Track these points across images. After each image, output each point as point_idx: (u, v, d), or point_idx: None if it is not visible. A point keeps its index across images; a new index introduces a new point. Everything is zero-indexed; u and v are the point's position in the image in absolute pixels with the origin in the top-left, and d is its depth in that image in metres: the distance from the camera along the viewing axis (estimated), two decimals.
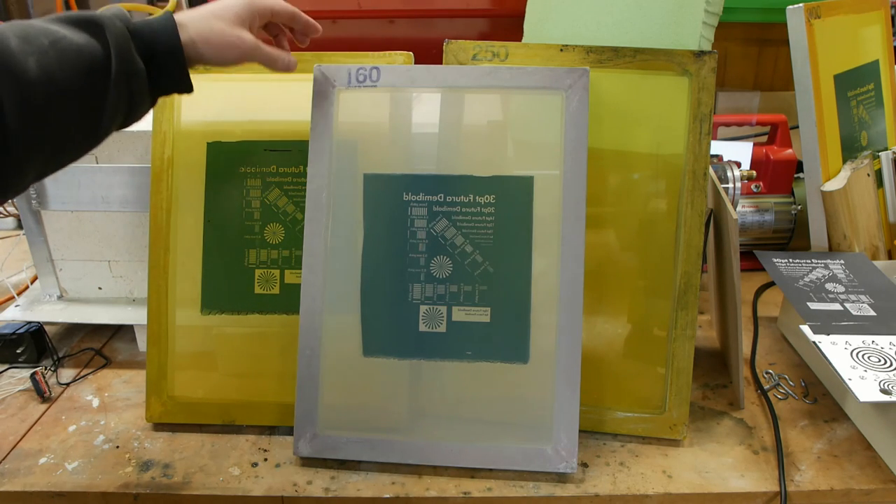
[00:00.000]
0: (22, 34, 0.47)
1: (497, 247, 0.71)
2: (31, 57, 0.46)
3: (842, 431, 0.73)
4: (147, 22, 0.55)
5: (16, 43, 0.46)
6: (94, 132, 0.53)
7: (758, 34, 1.42)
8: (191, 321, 0.78)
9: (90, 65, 0.50)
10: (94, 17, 0.51)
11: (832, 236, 0.90)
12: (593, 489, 0.66)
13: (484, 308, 0.71)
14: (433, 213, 0.71)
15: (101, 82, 0.51)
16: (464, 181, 0.71)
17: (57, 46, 0.48)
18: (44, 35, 0.48)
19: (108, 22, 0.52)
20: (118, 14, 0.53)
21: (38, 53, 0.47)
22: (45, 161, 0.50)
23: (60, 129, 0.49)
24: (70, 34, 0.49)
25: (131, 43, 0.53)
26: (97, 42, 0.51)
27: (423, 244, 0.71)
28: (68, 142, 0.51)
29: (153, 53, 0.55)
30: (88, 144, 0.54)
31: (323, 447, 0.70)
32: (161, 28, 0.55)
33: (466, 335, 0.71)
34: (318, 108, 0.72)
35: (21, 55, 0.46)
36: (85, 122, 0.51)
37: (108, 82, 0.51)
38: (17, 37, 0.47)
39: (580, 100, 0.69)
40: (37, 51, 0.47)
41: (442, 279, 0.71)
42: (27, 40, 0.47)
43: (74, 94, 0.49)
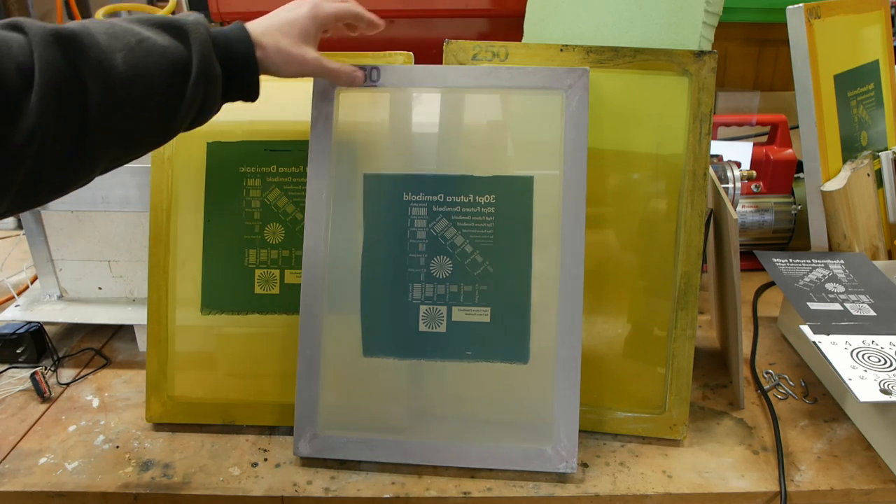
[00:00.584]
0: (109, 31, 0.49)
1: (497, 247, 0.71)
2: (118, 53, 0.48)
3: (842, 431, 0.73)
4: (221, 31, 0.57)
5: (104, 39, 0.48)
6: (165, 131, 0.54)
7: (758, 34, 1.42)
8: (191, 321, 0.78)
9: (173, 66, 0.51)
10: (178, 22, 0.53)
11: (832, 236, 0.90)
12: (593, 489, 0.66)
13: (484, 308, 0.71)
14: (433, 213, 0.71)
15: (181, 84, 0.52)
16: (464, 181, 0.71)
17: (143, 45, 0.50)
18: (130, 34, 0.50)
19: (192, 27, 0.54)
20: (200, 20, 0.55)
21: (125, 50, 0.49)
22: (116, 154, 0.52)
23: (136, 125, 0.51)
24: (154, 35, 0.51)
25: (212, 49, 0.55)
26: (181, 45, 0.53)
27: (423, 244, 0.71)
28: (140, 138, 0.53)
29: (228, 61, 0.57)
30: (156, 143, 0.55)
31: (323, 447, 0.70)
32: (235, 38, 0.57)
33: (466, 335, 0.71)
34: (318, 108, 0.72)
35: (109, 50, 0.48)
36: (159, 121, 0.53)
37: (188, 84, 0.53)
38: (104, 33, 0.49)
39: (580, 100, 0.69)
40: (124, 47, 0.49)
41: (442, 279, 0.71)
42: (114, 37, 0.49)
43: (155, 93, 0.51)
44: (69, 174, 0.49)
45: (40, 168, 0.46)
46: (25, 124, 0.44)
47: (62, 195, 0.51)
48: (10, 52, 0.44)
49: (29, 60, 0.44)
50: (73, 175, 0.49)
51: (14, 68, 0.43)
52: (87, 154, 0.48)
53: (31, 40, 0.45)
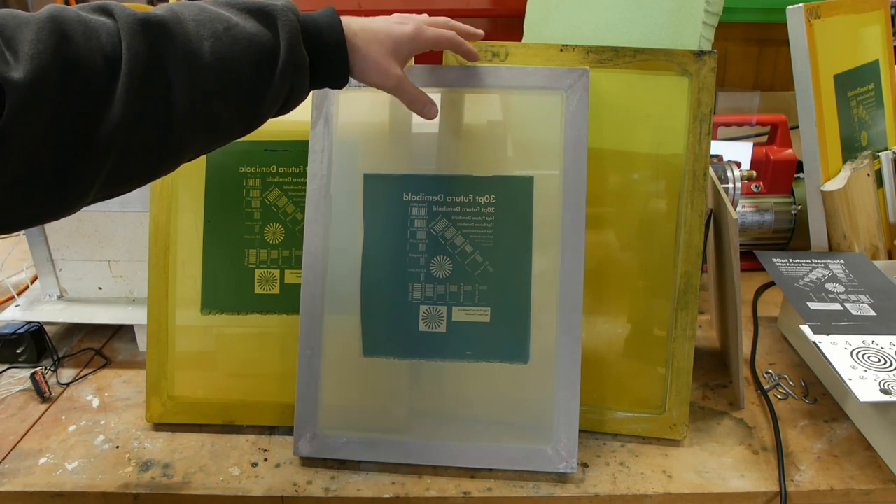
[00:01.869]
0: (198, 18, 0.48)
1: (497, 247, 0.71)
2: (206, 41, 0.47)
3: (842, 431, 0.73)
4: (311, 16, 0.56)
5: (192, 26, 0.47)
6: (252, 119, 0.53)
7: (758, 34, 1.43)
8: (191, 321, 0.78)
9: (259, 54, 0.50)
10: (267, 7, 0.52)
11: (832, 236, 0.90)
12: (593, 489, 0.66)
13: (484, 308, 0.71)
14: (433, 213, 0.71)
15: (269, 72, 0.51)
16: (464, 181, 0.71)
17: (230, 33, 0.49)
18: (218, 20, 0.49)
19: (281, 13, 0.52)
20: (289, 5, 0.54)
21: (212, 38, 0.48)
22: (201, 145, 0.51)
23: (222, 117, 0.50)
24: (242, 21, 0.50)
25: (300, 36, 0.53)
26: (269, 32, 0.51)
27: (423, 244, 0.71)
28: (226, 126, 0.52)
29: (317, 48, 0.55)
30: (243, 130, 0.54)
31: (323, 447, 0.70)
32: (326, 24, 0.56)
33: (466, 335, 0.71)
34: (317, 108, 0.72)
35: (196, 39, 0.47)
36: (245, 109, 0.52)
37: (275, 73, 0.51)
38: (193, 20, 0.48)
39: (580, 100, 0.69)
40: (212, 35, 0.48)
41: (442, 279, 0.71)
42: (202, 24, 0.48)
43: (242, 82, 0.50)
44: (155, 163, 0.48)
45: (126, 159, 0.45)
46: (112, 115, 0.43)
47: (147, 182, 0.50)
48: (99, 41, 0.43)
49: (117, 50, 0.43)
50: (158, 164, 0.49)
51: (102, 58, 0.43)
52: (173, 143, 0.48)
53: (119, 28, 0.44)
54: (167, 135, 0.47)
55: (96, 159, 0.44)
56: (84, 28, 0.43)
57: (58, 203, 0.44)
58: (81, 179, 0.44)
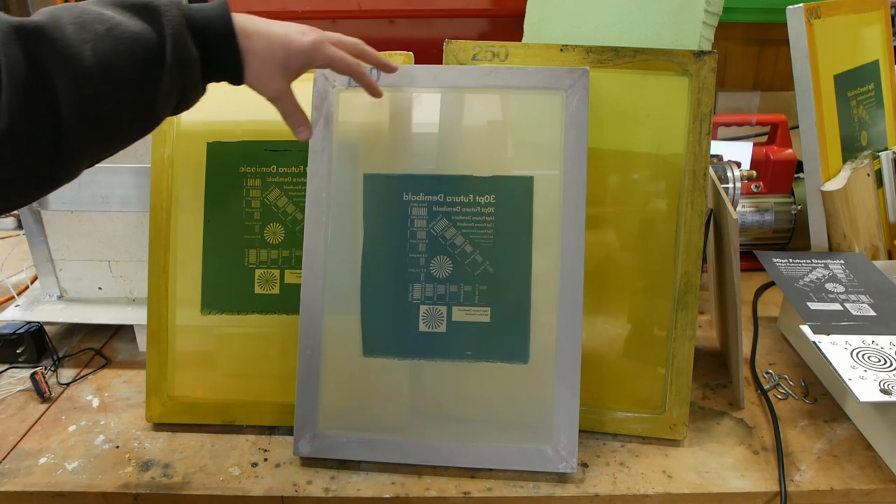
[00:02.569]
0: (78, 20, 0.47)
1: (497, 247, 0.71)
2: (87, 44, 0.46)
3: (842, 431, 0.73)
4: (201, 8, 0.55)
5: (72, 30, 0.46)
6: (147, 120, 0.52)
7: (758, 34, 1.43)
8: (191, 321, 0.78)
9: (145, 52, 0.49)
10: (150, 4, 0.51)
11: (832, 236, 0.90)
12: (593, 489, 0.66)
13: (484, 308, 0.71)
14: (433, 213, 0.71)
15: (156, 70, 0.50)
16: (464, 181, 0.71)
17: (112, 33, 0.48)
18: (99, 21, 0.48)
19: (165, 9, 0.51)
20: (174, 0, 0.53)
21: (94, 41, 0.46)
22: (98, 150, 0.50)
23: (114, 118, 0.49)
24: (125, 20, 0.49)
25: (187, 30, 0.52)
26: (152, 29, 0.50)
27: (423, 244, 0.71)
28: (121, 130, 0.51)
29: (207, 40, 0.54)
30: (139, 132, 0.53)
31: (323, 447, 0.70)
32: (215, 16, 0.54)
33: (466, 335, 0.71)
34: (317, 108, 0.72)
35: (77, 43, 0.46)
36: (138, 110, 0.51)
37: (163, 70, 0.50)
38: (72, 23, 0.46)
39: (580, 100, 0.69)
40: (93, 38, 0.46)
41: (442, 279, 0.71)
42: (83, 27, 0.47)
43: (129, 83, 0.49)
44: (51, 174, 0.47)
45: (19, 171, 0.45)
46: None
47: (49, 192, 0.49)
48: None
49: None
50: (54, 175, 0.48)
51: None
52: (67, 150, 0.47)
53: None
54: (59, 142, 0.46)
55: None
56: None
57: None
58: None
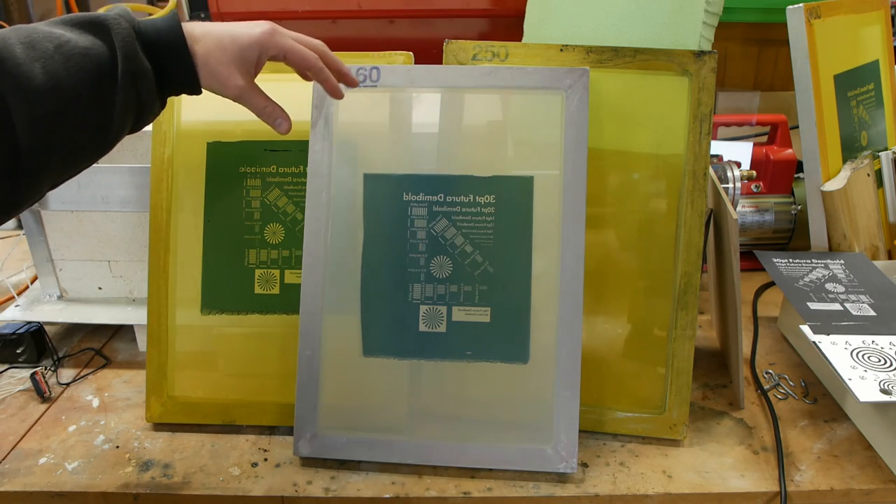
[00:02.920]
0: (27, 40, 0.46)
1: (497, 247, 0.71)
2: (36, 63, 0.46)
3: (842, 431, 0.73)
4: (151, 21, 0.54)
5: (21, 50, 0.46)
6: (105, 137, 0.52)
7: (758, 34, 1.43)
8: (191, 321, 0.78)
9: (96, 67, 0.49)
10: (98, 18, 0.51)
11: (832, 236, 0.90)
12: (593, 489, 0.66)
13: (484, 308, 0.71)
14: (433, 213, 0.71)
15: (109, 85, 0.50)
16: (464, 181, 0.71)
17: (62, 50, 0.47)
18: (48, 39, 0.47)
19: (114, 22, 0.51)
20: (123, 14, 0.52)
21: (43, 59, 0.46)
22: (58, 171, 0.50)
23: (71, 137, 0.49)
24: (75, 37, 0.49)
25: (136, 43, 0.52)
26: (103, 43, 0.50)
27: (423, 244, 0.71)
28: (80, 149, 0.51)
29: (158, 52, 0.54)
30: (100, 150, 0.53)
31: (323, 447, 0.70)
32: (165, 27, 0.54)
33: (466, 335, 0.71)
34: (317, 108, 0.72)
35: (27, 62, 0.45)
36: (95, 127, 0.50)
37: (115, 84, 0.50)
38: (21, 43, 0.46)
39: (580, 100, 0.69)
40: (42, 56, 0.46)
41: (442, 279, 0.71)
42: (32, 46, 0.46)
43: (82, 99, 0.48)
44: (12, 195, 0.47)
45: None
46: None
47: (11, 217, 0.48)
48: None
49: None
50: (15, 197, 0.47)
51: None
52: (27, 172, 0.46)
53: None
54: (16, 164, 0.45)
55: None
56: None
57: None
58: None
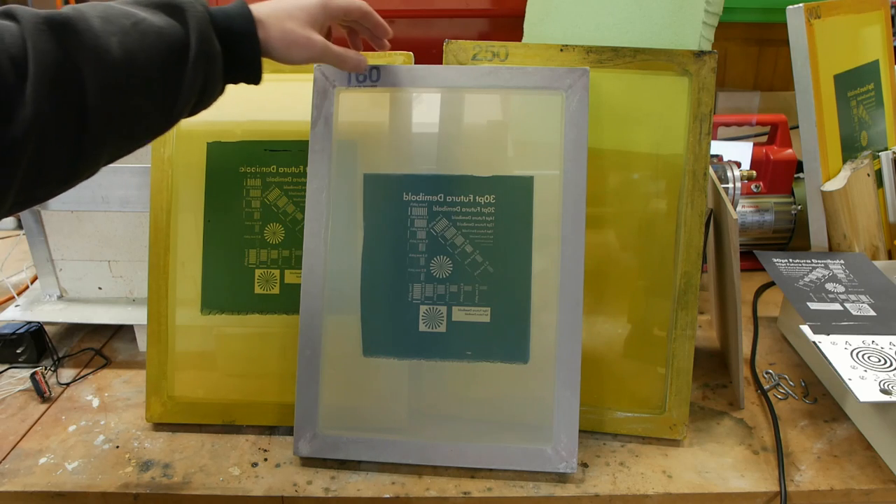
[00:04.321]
0: (104, 15, 0.48)
1: (497, 247, 0.71)
2: (113, 37, 0.47)
3: (842, 431, 0.73)
4: (221, 8, 0.56)
5: (98, 23, 0.47)
6: (168, 115, 0.53)
7: (758, 34, 1.43)
8: (191, 321, 0.78)
9: (170, 47, 0.50)
10: (173, 1, 0.52)
11: (832, 236, 0.90)
12: (593, 489, 0.66)
13: (484, 308, 0.71)
14: (433, 213, 0.71)
15: (180, 64, 0.51)
16: (464, 181, 0.71)
17: (138, 28, 0.49)
18: (124, 16, 0.49)
19: (189, 5, 0.52)
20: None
21: (120, 34, 0.47)
22: (119, 143, 0.51)
23: (137, 111, 0.50)
24: (150, 16, 0.50)
25: (211, 26, 0.53)
26: (178, 24, 0.51)
27: (423, 244, 0.71)
28: (142, 124, 0.52)
29: (229, 38, 0.55)
30: (160, 129, 0.54)
31: (323, 447, 0.70)
32: (236, 14, 0.56)
33: (466, 335, 0.71)
34: (317, 108, 0.72)
35: (105, 35, 0.47)
36: (160, 105, 0.51)
37: (187, 65, 0.51)
38: (99, 17, 0.47)
39: (580, 100, 0.69)
40: (119, 31, 0.47)
41: (442, 279, 0.71)
42: (109, 21, 0.48)
43: (154, 76, 0.49)
44: (72, 165, 0.48)
45: (42, 160, 0.45)
46: (23, 116, 0.43)
47: (66, 188, 0.49)
48: (3, 44, 0.43)
49: (22, 50, 0.43)
50: (76, 166, 0.48)
51: (8, 60, 0.42)
52: (89, 143, 0.47)
53: (23, 29, 0.44)
54: (82, 134, 0.46)
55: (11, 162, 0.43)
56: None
57: None
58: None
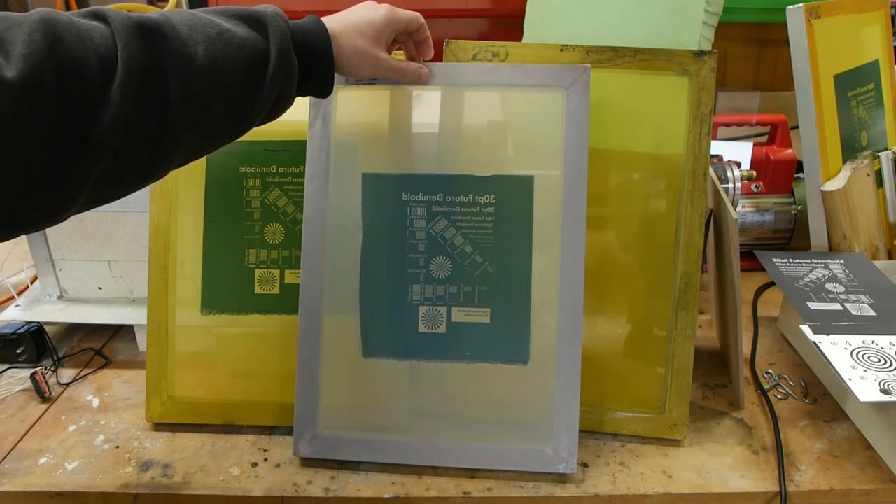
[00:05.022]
0: (190, 23, 0.49)
1: (497, 247, 0.70)
2: (199, 45, 0.48)
3: (842, 431, 0.73)
4: (298, 24, 0.57)
5: (185, 31, 0.48)
6: (241, 124, 0.54)
7: (758, 34, 1.43)
8: (191, 321, 0.78)
9: (251, 58, 0.51)
10: (256, 13, 0.54)
11: (832, 236, 0.90)
12: (593, 489, 0.66)
13: (484, 309, 0.71)
14: (432, 213, 0.71)
15: (259, 76, 0.52)
16: (463, 181, 0.71)
17: (223, 37, 0.50)
18: (210, 26, 0.50)
19: (271, 19, 0.54)
20: (278, 12, 0.55)
21: (206, 42, 0.49)
22: (192, 148, 0.52)
23: (214, 118, 0.51)
24: (234, 27, 0.51)
25: (290, 41, 0.54)
26: (260, 37, 0.53)
27: (422, 244, 0.71)
28: (217, 131, 0.53)
29: (305, 54, 0.57)
30: (232, 136, 0.55)
31: (323, 448, 0.70)
32: (313, 31, 0.57)
33: (466, 336, 0.71)
34: (315, 106, 0.72)
35: (191, 42, 0.48)
36: (237, 113, 0.53)
37: (266, 77, 0.53)
38: (186, 25, 0.49)
39: (581, 98, 0.69)
40: (204, 39, 0.49)
41: (441, 280, 0.71)
42: (195, 29, 0.49)
43: (234, 86, 0.51)
44: (147, 166, 0.49)
45: (120, 160, 0.46)
46: (107, 116, 0.43)
47: (138, 189, 0.50)
48: (93, 43, 0.44)
49: (112, 52, 0.44)
50: (150, 167, 0.49)
51: (96, 60, 0.43)
52: (166, 146, 0.48)
53: (114, 31, 0.45)
54: (161, 136, 0.47)
55: (90, 160, 0.44)
56: (77, 31, 0.43)
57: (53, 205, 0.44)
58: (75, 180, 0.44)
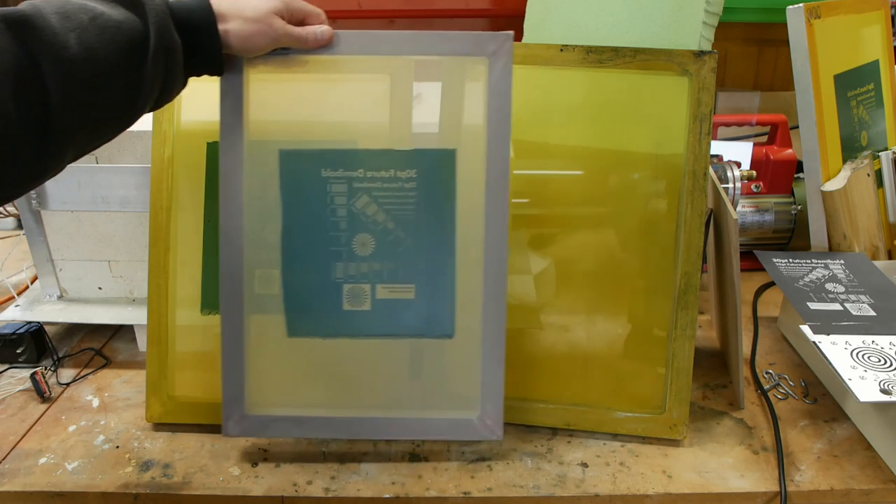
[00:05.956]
0: (61, 11, 0.48)
1: (420, 222, 0.69)
2: (71, 33, 0.47)
3: (842, 431, 0.73)
4: (181, 1, 0.56)
5: (56, 20, 0.47)
6: (130, 110, 0.53)
7: (758, 34, 1.43)
8: (191, 321, 0.77)
9: (129, 41, 0.50)
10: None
11: (832, 236, 0.90)
12: (593, 489, 0.66)
13: (408, 285, 0.70)
14: (353, 189, 0.69)
15: (140, 58, 0.51)
16: (384, 155, 0.68)
17: (96, 22, 0.49)
18: (82, 11, 0.49)
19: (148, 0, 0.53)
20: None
21: (78, 29, 0.48)
22: (83, 140, 0.51)
23: (100, 106, 0.50)
24: (108, 10, 0.50)
25: (170, 19, 0.53)
26: (136, 17, 0.51)
27: (343, 222, 0.69)
28: (106, 119, 0.52)
29: (188, 31, 0.55)
30: (123, 123, 0.54)
31: (251, 427, 0.69)
32: (196, 7, 0.56)
33: (391, 313, 0.70)
34: (226, 79, 0.67)
35: (63, 32, 0.47)
36: (122, 99, 0.52)
37: (146, 58, 0.51)
38: (56, 13, 0.47)
39: (504, 66, 0.66)
40: (77, 27, 0.48)
41: (365, 257, 0.69)
42: (67, 17, 0.48)
43: (114, 71, 0.50)
44: (38, 164, 0.48)
45: (7, 157, 0.45)
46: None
47: (32, 188, 0.50)
48: None
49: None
50: (41, 165, 0.48)
51: None
52: (54, 139, 0.47)
53: None
54: (46, 131, 0.46)
55: None
56: None
57: None
58: None
